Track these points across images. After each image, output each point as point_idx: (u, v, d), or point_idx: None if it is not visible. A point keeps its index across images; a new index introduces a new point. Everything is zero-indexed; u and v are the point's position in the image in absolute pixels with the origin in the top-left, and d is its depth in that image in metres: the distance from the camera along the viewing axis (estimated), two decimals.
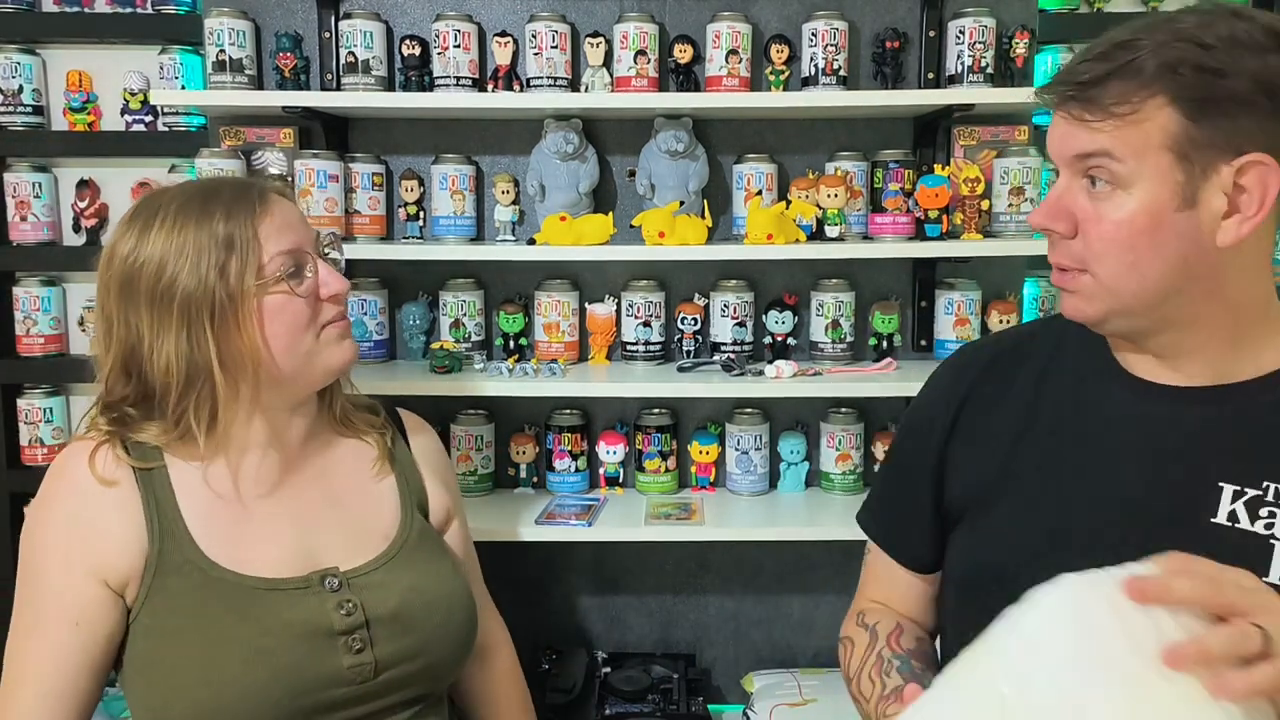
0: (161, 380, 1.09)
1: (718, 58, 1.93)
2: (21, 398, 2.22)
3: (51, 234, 2.22)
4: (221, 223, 1.08)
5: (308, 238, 1.15)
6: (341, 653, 1.10)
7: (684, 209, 1.97)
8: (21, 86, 2.16)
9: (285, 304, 1.10)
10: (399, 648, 1.14)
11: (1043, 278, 2.18)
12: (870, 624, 1.12)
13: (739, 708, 2.07)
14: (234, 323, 1.08)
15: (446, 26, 1.96)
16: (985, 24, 1.94)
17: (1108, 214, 0.88)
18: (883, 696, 1.02)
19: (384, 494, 1.25)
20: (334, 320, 1.16)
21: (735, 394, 2.04)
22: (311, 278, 1.13)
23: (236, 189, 1.13)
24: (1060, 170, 0.93)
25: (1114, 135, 0.86)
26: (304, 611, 1.10)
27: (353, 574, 1.15)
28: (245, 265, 1.07)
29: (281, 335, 1.11)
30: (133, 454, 1.12)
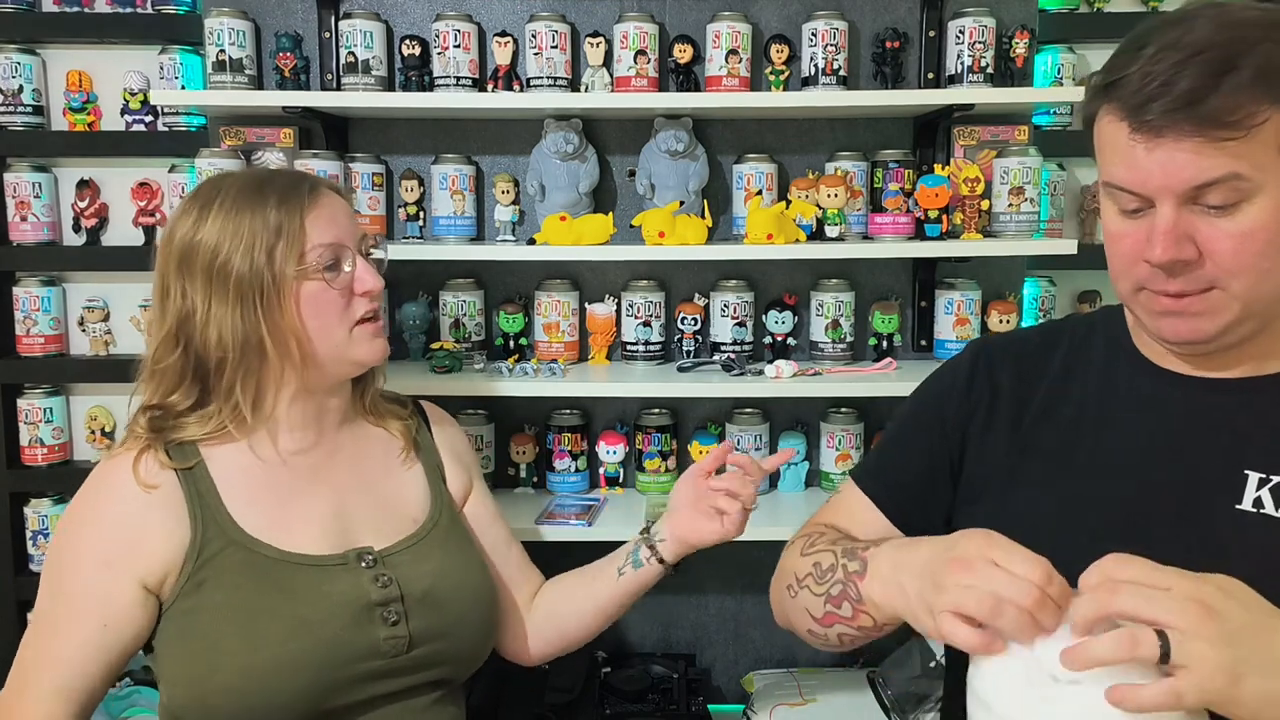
0: (215, 353, 1.17)
1: (718, 58, 1.93)
2: (21, 398, 2.22)
3: (51, 234, 2.21)
4: (273, 210, 1.17)
5: (351, 234, 1.22)
6: (378, 624, 1.16)
7: (684, 209, 1.97)
8: (21, 86, 2.16)
9: (320, 292, 1.19)
10: (430, 624, 1.20)
11: (1042, 277, 2.18)
12: (812, 532, 1.12)
13: (739, 708, 2.07)
14: (278, 304, 1.16)
15: (446, 26, 1.96)
16: (985, 24, 1.94)
17: (1235, 230, 0.83)
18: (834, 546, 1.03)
19: (413, 480, 1.33)
20: (367, 318, 1.23)
21: (735, 394, 2.04)
22: (349, 272, 1.21)
23: (290, 180, 1.22)
24: (1157, 200, 0.85)
25: (1236, 154, 0.81)
26: (343, 585, 1.16)
27: (385, 553, 1.22)
28: (289, 252, 1.16)
29: (317, 321, 1.19)
30: (173, 457, 1.18)
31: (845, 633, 1.00)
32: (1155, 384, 0.98)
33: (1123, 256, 0.90)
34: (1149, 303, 0.91)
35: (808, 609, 1.03)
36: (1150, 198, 0.85)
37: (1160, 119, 0.81)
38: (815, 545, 1.06)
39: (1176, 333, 0.91)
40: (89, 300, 2.24)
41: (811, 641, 1.07)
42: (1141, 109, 0.82)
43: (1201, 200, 0.84)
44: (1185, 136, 0.81)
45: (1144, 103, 0.82)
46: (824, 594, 1.00)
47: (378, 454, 1.32)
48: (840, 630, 1.00)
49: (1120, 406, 0.99)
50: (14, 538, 2.23)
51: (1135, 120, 0.83)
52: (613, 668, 2.07)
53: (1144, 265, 0.88)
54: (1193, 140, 0.81)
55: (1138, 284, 0.90)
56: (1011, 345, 1.12)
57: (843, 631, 1.00)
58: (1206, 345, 0.91)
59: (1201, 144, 0.81)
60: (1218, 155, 0.81)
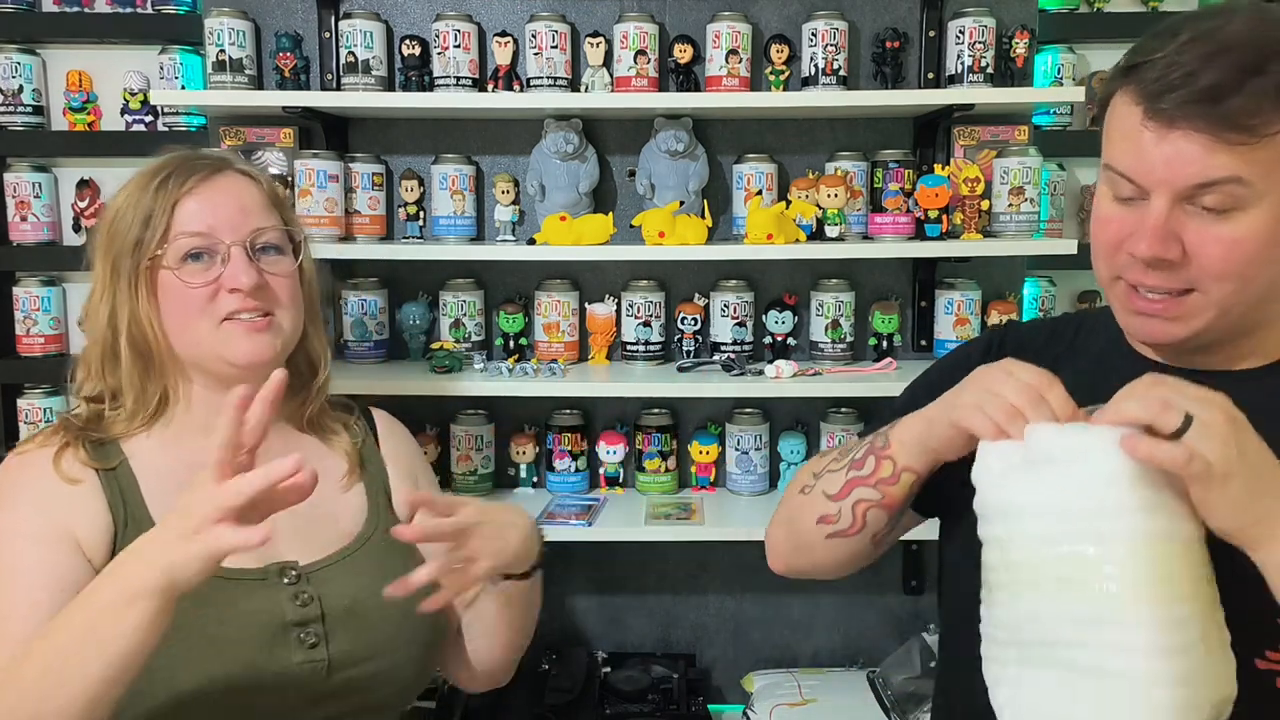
0: (102, 337, 1.11)
1: (718, 58, 1.93)
2: (22, 397, 2.21)
3: (51, 234, 2.21)
4: (151, 192, 1.10)
5: (234, 225, 1.12)
6: (294, 646, 1.07)
7: (684, 209, 1.97)
8: (21, 86, 2.16)
9: (174, 284, 1.10)
10: (354, 646, 1.10)
11: (1042, 277, 2.18)
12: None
13: (739, 708, 2.07)
14: (138, 292, 1.10)
15: (446, 26, 1.96)
16: (985, 24, 1.94)
17: (1226, 235, 0.82)
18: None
19: (350, 494, 1.23)
20: (239, 314, 1.11)
21: (735, 394, 2.03)
22: (218, 267, 1.11)
23: (187, 162, 1.14)
24: (1153, 192, 0.84)
25: (1244, 158, 0.79)
26: (259, 602, 1.08)
27: (310, 568, 1.13)
28: (153, 238, 1.09)
29: (172, 315, 1.11)
30: (93, 456, 1.10)
31: (863, 498, 0.98)
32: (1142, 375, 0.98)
33: (1107, 242, 0.90)
34: (1124, 297, 0.91)
35: (824, 491, 1.02)
36: (1148, 189, 0.84)
37: (1176, 109, 0.80)
38: (833, 450, 1.07)
39: (1147, 333, 0.91)
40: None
41: (814, 541, 1.03)
42: (1159, 96, 0.81)
43: (1197, 200, 0.83)
44: (1197, 131, 0.80)
45: (1163, 91, 0.80)
46: (845, 465, 1.01)
47: (312, 465, 1.19)
48: (859, 496, 0.98)
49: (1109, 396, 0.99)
50: None
51: (1151, 106, 0.81)
52: (613, 668, 2.07)
53: (1125, 255, 0.88)
54: (1204, 136, 0.80)
55: (1116, 272, 0.90)
56: (1024, 332, 1.12)
57: (861, 497, 0.98)
58: (1180, 346, 0.92)
59: (1211, 142, 0.80)
60: (1225, 156, 0.80)
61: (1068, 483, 0.79)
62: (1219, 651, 0.77)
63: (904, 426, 0.97)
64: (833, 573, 1.09)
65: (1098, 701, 0.77)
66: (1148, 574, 0.76)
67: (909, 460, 0.96)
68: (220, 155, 1.19)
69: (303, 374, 1.23)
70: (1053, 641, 0.79)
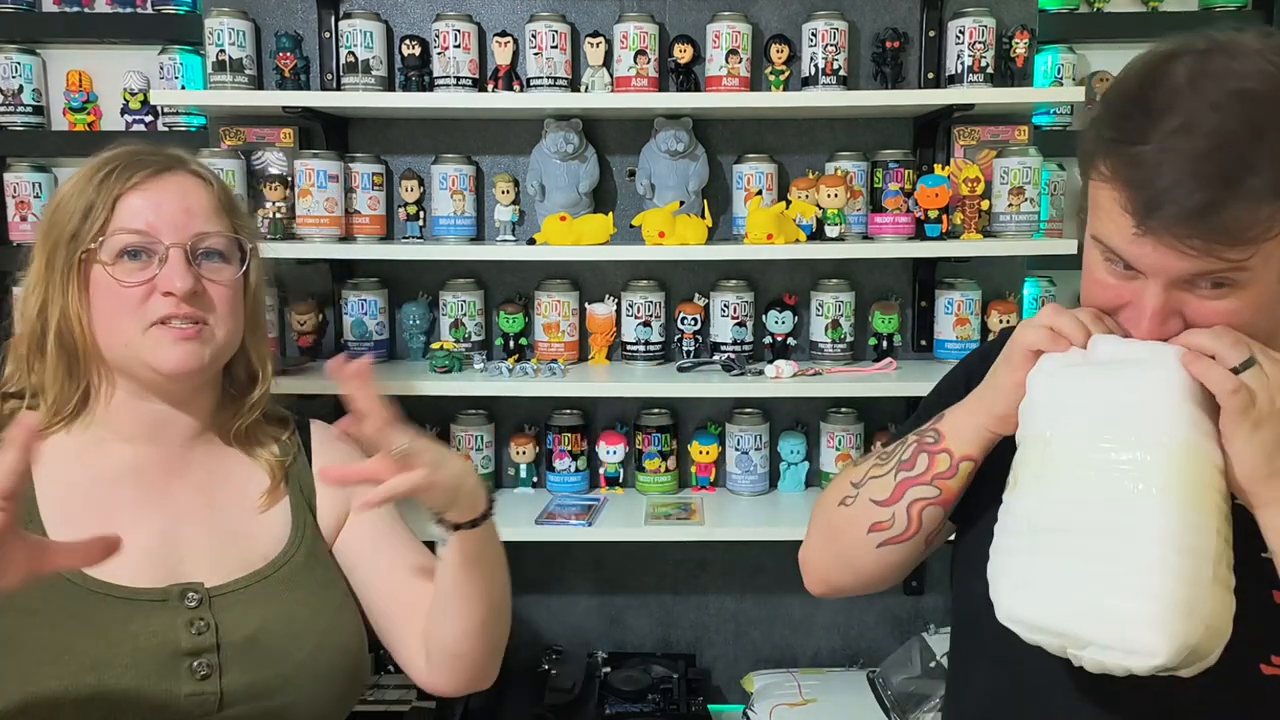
0: (29, 327, 1.07)
1: (718, 58, 1.93)
2: None
3: None
4: (95, 184, 1.06)
5: (177, 226, 1.06)
6: (183, 677, 1.00)
7: (684, 209, 1.97)
8: (22, 86, 2.16)
9: (106, 281, 1.05)
10: (252, 680, 1.03)
11: (1043, 277, 2.18)
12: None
13: (739, 708, 2.07)
14: (68, 286, 1.05)
15: (446, 26, 1.96)
16: (985, 24, 1.94)
17: (1223, 309, 0.82)
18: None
19: (273, 514, 1.15)
20: (169, 320, 1.05)
21: (735, 394, 2.03)
22: (155, 268, 1.05)
23: (135, 157, 1.10)
24: (1149, 278, 0.83)
25: (1241, 254, 0.78)
26: (151, 625, 1.01)
27: (217, 591, 1.06)
28: (90, 231, 1.05)
29: (101, 313, 1.06)
30: None
31: (918, 498, 0.96)
32: None
33: (1100, 305, 0.89)
34: None
35: (871, 499, 0.99)
36: (1143, 274, 0.83)
37: (1165, 226, 0.78)
38: (869, 457, 1.05)
39: None
40: None
41: (863, 554, 1.01)
42: (1149, 212, 0.78)
43: (1193, 284, 0.82)
44: (1192, 249, 0.78)
45: (1153, 206, 0.78)
46: (893, 467, 0.98)
47: (234, 482, 1.14)
48: (914, 496, 0.96)
49: None
50: None
51: (1141, 221, 0.79)
52: (613, 668, 2.07)
53: (1124, 319, 0.88)
54: (1198, 249, 0.78)
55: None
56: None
57: (916, 497, 0.96)
58: None
59: (1205, 253, 0.78)
60: (1220, 258, 0.79)
61: (1121, 381, 0.82)
62: (1223, 590, 0.78)
63: (953, 417, 0.96)
64: (878, 584, 1.06)
65: (1102, 582, 0.77)
66: (1179, 480, 0.77)
67: (967, 448, 0.94)
68: (173, 153, 1.13)
69: (239, 386, 1.18)
70: (1073, 529, 0.80)
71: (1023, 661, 0.86)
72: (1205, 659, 0.76)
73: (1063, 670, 0.83)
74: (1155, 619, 0.75)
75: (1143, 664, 0.75)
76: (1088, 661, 0.79)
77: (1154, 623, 0.75)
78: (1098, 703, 0.87)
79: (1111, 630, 0.76)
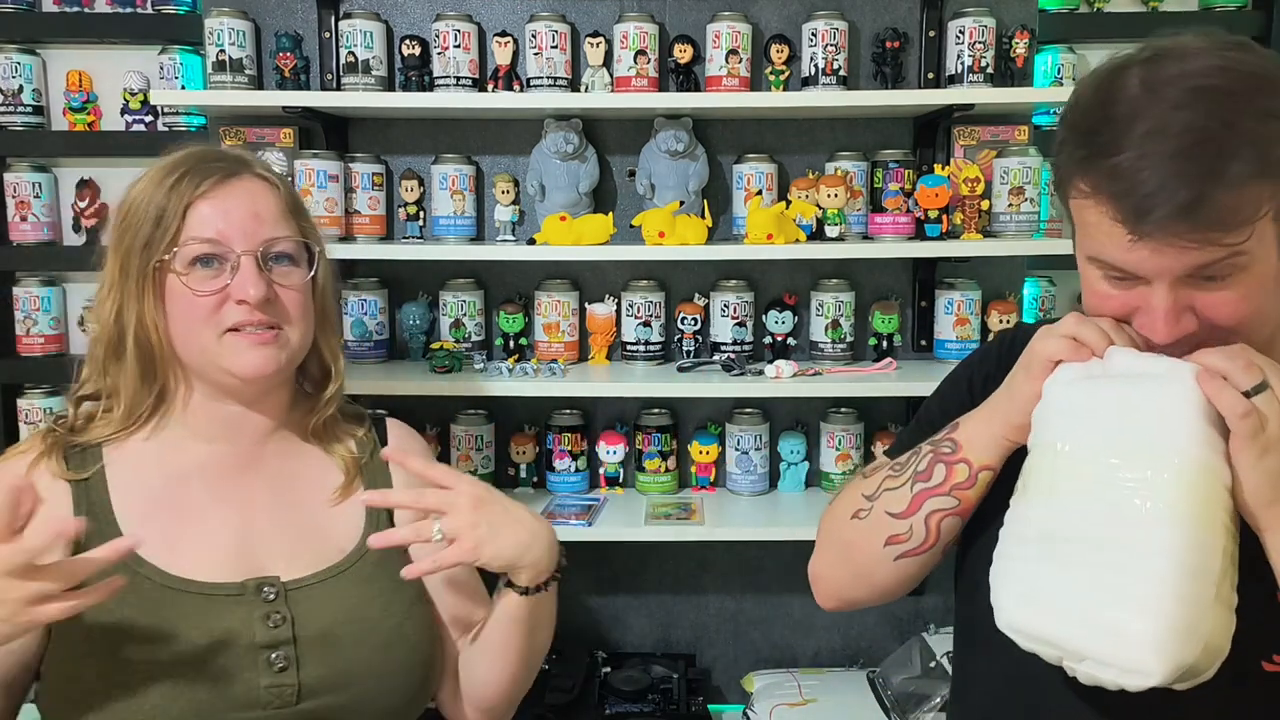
0: (107, 334, 1.08)
1: (718, 58, 1.93)
2: (22, 398, 2.22)
3: (51, 234, 2.22)
4: (165, 190, 1.06)
5: (247, 233, 1.07)
6: (262, 669, 1.02)
7: (684, 209, 1.97)
8: (22, 86, 2.16)
9: (180, 291, 1.06)
10: (326, 673, 1.04)
11: (1043, 277, 2.18)
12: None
13: (739, 708, 2.07)
14: (144, 294, 1.06)
15: (446, 26, 1.96)
16: (985, 24, 1.94)
17: (1231, 296, 0.83)
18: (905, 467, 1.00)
19: (348, 510, 1.16)
20: (243, 326, 1.07)
21: (735, 394, 2.03)
22: (227, 275, 1.06)
23: (205, 163, 1.10)
24: (1153, 280, 0.83)
25: (1236, 238, 0.79)
26: (229, 620, 1.03)
27: (293, 585, 1.07)
28: (162, 239, 1.05)
29: (177, 321, 1.07)
30: (70, 464, 1.07)
31: (936, 509, 0.95)
32: None
33: (1110, 315, 0.88)
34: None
35: (887, 511, 0.98)
36: (1145, 278, 0.83)
37: (1159, 228, 0.78)
38: (879, 467, 1.04)
39: None
40: (89, 300, 2.24)
41: (880, 568, 1.00)
42: (1141, 217, 0.78)
43: (1196, 275, 0.82)
44: (1188, 243, 0.79)
45: (1143, 210, 0.78)
46: (908, 479, 0.97)
47: (309, 478, 1.16)
48: (932, 507, 0.95)
49: None
50: None
51: (1133, 228, 0.79)
52: (613, 667, 2.07)
53: (1136, 326, 0.87)
54: (1194, 241, 0.79)
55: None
56: (1033, 331, 1.12)
57: (934, 508, 0.95)
58: None
59: (1203, 242, 0.79)
60: (1218, 247, 0.79)
61: (1135, 396, 0.81)
62: (1225, 608, 0.78)
63: (969, 426, 0.96)
64: (893, 596, 1.05)
65: (1106, 601, 0.78)
66: (1188, 498, 0.77)
67: (986, 458, 0.94)
68: (238, 156, 1.14)
69: (313, 382, 1.20)
70: (1078, 539, 0.80)
71: (1026, 663, 0.86)
72: (1201, 676, 0.77)
73: (1065, 671, 0.83)
74: (1155, 640, 0.75)
75: (1138, 683, 0.76)
76: (1082, 675, 0.79)
77: (1153, 643, 0.75)
78: (1100, 703, 0.87)
79: (1110, 647, 0.77)
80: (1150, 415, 0.80)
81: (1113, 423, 0.82)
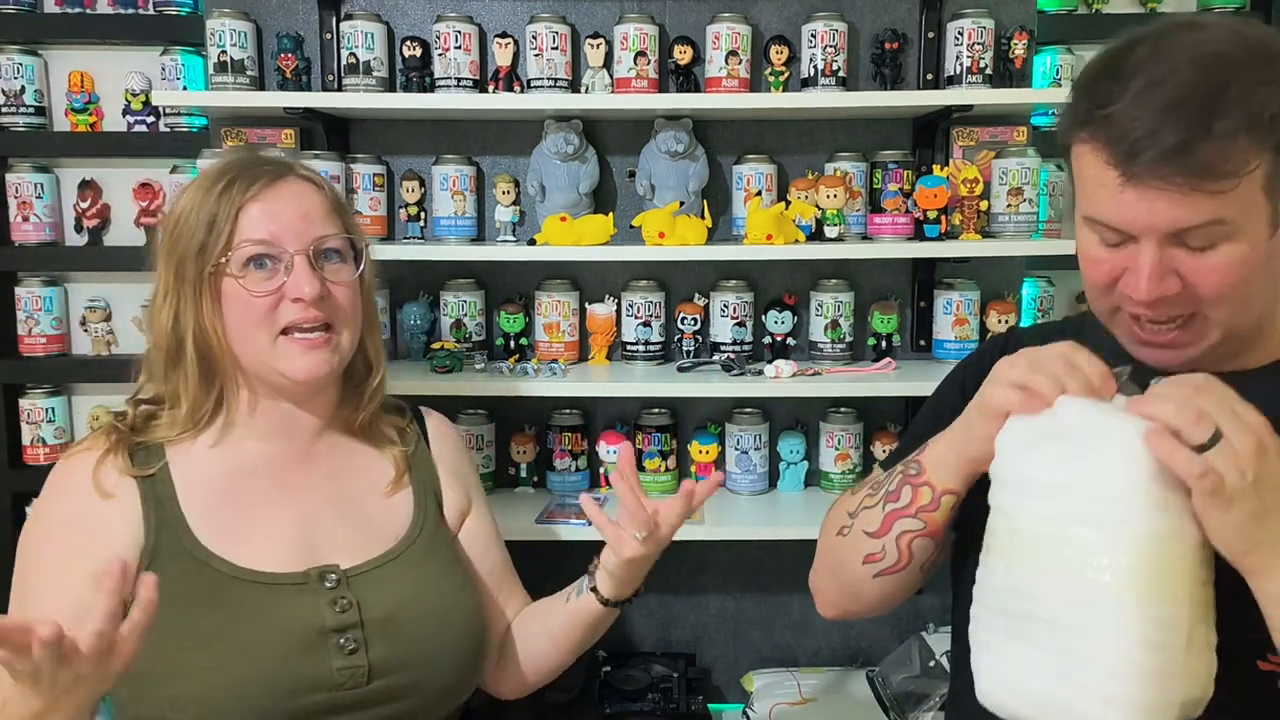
0: (167, 340, 1.12)
1: (717, 59, 1.94)
2: (24, 398, 2.22)
3: (53, 234, 2.22)
4: (215, 196, 1.10)
5: (297, 233, 1.11)
6: (333, 653, 1.07)
7: (684, 209, 1.97)
8: (24, 87, 2.16)
9: (238, 292, 1.10)
10: (393, 653, 1.10)
11: (1041, 278, 2.19)
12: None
13: (739, 707, 2.07)
14: (202, 298, 1.10)
15: (447, 28, 1.96)
16: (984, 25, 1.95)
17: (1217, 264, 0.84)
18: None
19: (397, 499, 1.23)
20: (299, 327, 1.11)
21: (735, 394, 2.04)
22: (281, 275, 1.10)
23: (251, 167, 1.13)
24: (1140, 238, 0.85)
25: (1222, 200, 0.81)
26: (297, 608, 1.08)
27: (353, 571, 1.13)
28: (216, 245, 1.09)
29: (234, 323, 1.11)
30: (136, 461, 1.12)
31: (906, 530, 0.97)
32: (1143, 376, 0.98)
33: (1100, 282, 0.91)
34: (1129, 328, 0.92)
35: (864, 530, 1.00)
36: (1134, 235, 0.86)
37: (1149, 170, 0.81)
38: (863, 485, 1.06)
39: (1157, 360, 0.92)
40: (91, 300, 2.25)
41: (863, 583, 1.02)
42: (1131, 159, 0.82)
43: (1183, 239, 0.84)
44: (1174, 188, 0.81)
45: (1133, 153, 0.81)
46: (881, 499, 0.99)
47: (359, 470, 1.23)
48: (902, 528, 0.97)
49: None
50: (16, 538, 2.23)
51: (1124, 169, 0.83)
52: (613, 667, 2.07)
53: (1123, 292, 0.89)
54: (1180, 190, 0.81)
55: (1114, 305, 0.91)
56: (1026, 335, 1.13)
57: (904, 529, 0.97)
58: (1190, 365, 0.92)
59: (1189, 191, 0.81)
60: (1204, 201, 0.81)
61: (1084, 464, 0.80)
62: (1201, 653, 0.78)
63: (935, 448, 0.96)
64: (885, 609, 1.08)
65: (1070, 683, 0.78)
66: (1143, 570, 0.76)
67: (948, 481, 0.94)
68: (282, 160, 1.19)
69: (358, 378, 1.24)
70: (1040, 617, 0.80)
71: None
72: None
73: None
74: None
75: None
76: None
77: None
78: None
79: None
80: (1099, 485, 0.79)
81: (1062, 494, 0.81)
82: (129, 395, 1.19)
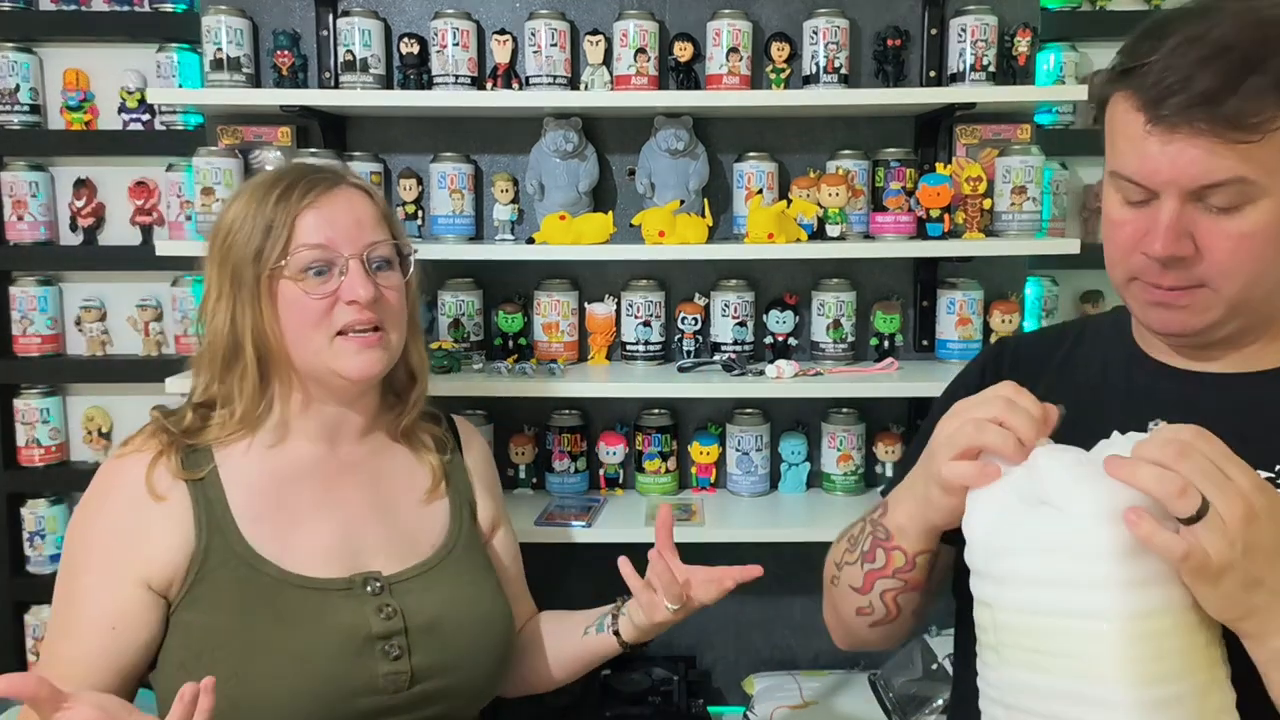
0: (221, 344, 1.16)
1: (718, 56, 1.92)
2: (18, 398, 2.21)
3: (48, 233, 2.21)
4: (271, 204, 1.14)
5: (351, 238, 1.16)
6: (379, 659, 1.11)
7: (684, 208, 1.96)
8: (18, 85, 2.15)
9: (296, 295, 1.14)
10: (434, 659, 1.15)
11: (1045, 277, 2.17)
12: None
13: (740, 709, 2.06)
14: (260, 302, 1.14)
15: (445, 24, 1.95)
16: (987, 22, 1.93)
17: (1235, 231, 0.84)
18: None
19: (434, 507, 1.28)
20: (353, 329, 1.16)
21: (735, 394, 2.02)
22: (336, 279, 1.15)
23: (305, 176, 1.18)
24: (1162, 194, 0.85)
25: (1246, 156, 0.80)
26: (344, 614, 1.12)
27: (394, 579, 1.17)
28: (274, 250, 1.13)
29: (292, 326, 1.15)
30: (186, 465, 1.15)
31: (888, 589, 0.98)
32: (1151, 377, 0.98)
33: (1121, 245, 0.91)
34: (1140, 293, 0.92)
35: (850, 585, 1.01)
36: (1156, 190, 0.85)
37: (1177, 114, 0.81)
38: (846, 534, 1.07)
39: (1165, 324, 0.92)
40: (86, 300, 2.24)
41: (861, 630, 1.04)
42: (1159, 103, 0.82)
43: (1206, 199, 0.84)
44: (1200, 135, 0.80)
45: (1162, 97, 0.81)
46: (858, 557, 1.00)
47: (399, 477, 1.27)
48: (883, 587, 0.98)
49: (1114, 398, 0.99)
50: (11, 539, 2.23)
51: (1152, 113, 0.82)
52: (613, 669, 2.05)
53: (1140, 256, 0.88)
54: (1207, 138, 0.80)
55: (1131, 274, 0.91)
56: (1024, 341, 1.13)
57: (885, 588, 0.98)
58: (1193, 339, 0.93)
59: (1214, 143, 0.80)
60: (1228, 156, 0.81)
61: (1059, 554, 0.76)
62: (1215, 692, 0.76)
63: (896, 515, 0.96)
64: (895, 644, 1.10)
65: None
66: (1135, 654, 0.73)
67: (917, 545, 0.95)
68: (334, 169, 1.24)
69: (399, 385, 1.29)
70: (1039, 712, 0.78)
71: None
72: None
73: None
74: None
75: None
76: None
77: None
78: None
79: None
80: (1080, 568, 0.75)
81: (1042, 583, 0.77)
82: (191, 399, 1.21)
